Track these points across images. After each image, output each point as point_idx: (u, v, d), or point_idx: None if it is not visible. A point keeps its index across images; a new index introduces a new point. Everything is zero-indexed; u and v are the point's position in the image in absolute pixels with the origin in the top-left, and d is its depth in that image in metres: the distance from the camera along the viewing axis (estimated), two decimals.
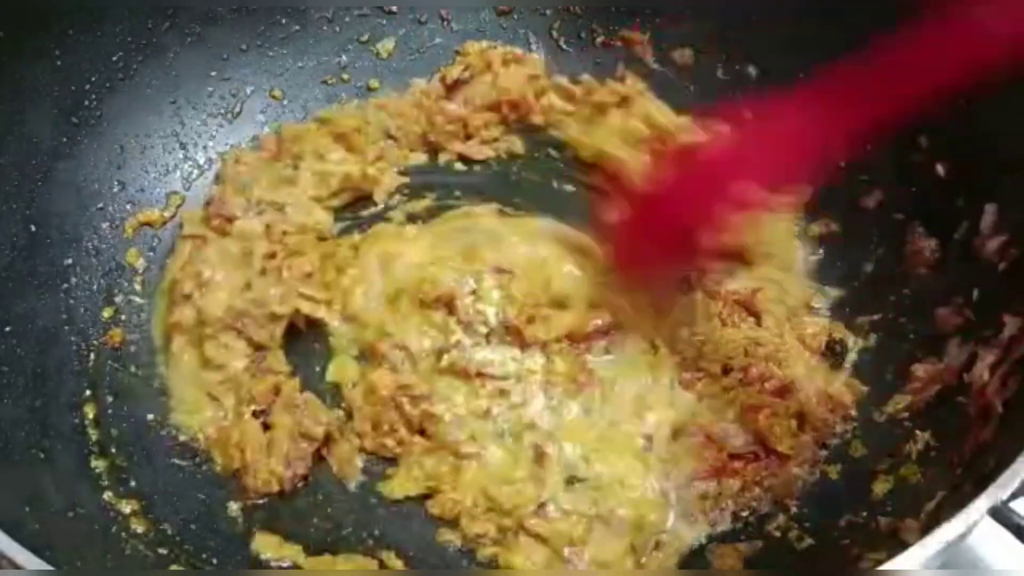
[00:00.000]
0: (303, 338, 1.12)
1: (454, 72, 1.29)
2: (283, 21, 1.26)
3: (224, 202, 1.17)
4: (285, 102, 1.28)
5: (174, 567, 0.95)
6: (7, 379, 0.97)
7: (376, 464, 1.04)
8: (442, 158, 1.28)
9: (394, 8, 1.31)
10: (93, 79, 1.13)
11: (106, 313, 1.11)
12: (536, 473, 1.01)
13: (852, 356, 1.08)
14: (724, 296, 1.12)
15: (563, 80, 1.30)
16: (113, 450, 1.02)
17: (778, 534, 0.97)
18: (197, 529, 0.98)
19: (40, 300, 1.05)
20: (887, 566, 0.69)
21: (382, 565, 0.97)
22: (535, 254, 1.16)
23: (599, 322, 1.09)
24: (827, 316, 1.11)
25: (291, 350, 1.11)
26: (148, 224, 1.18)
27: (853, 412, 1.03)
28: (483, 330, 1.09)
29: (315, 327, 1.12)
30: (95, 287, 1.11)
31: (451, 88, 1.29)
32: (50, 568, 0.73)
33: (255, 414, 1.05)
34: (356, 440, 1.05)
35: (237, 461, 1.02)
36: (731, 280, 1.11)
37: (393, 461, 1.04)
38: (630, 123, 1.24)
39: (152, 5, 1.16)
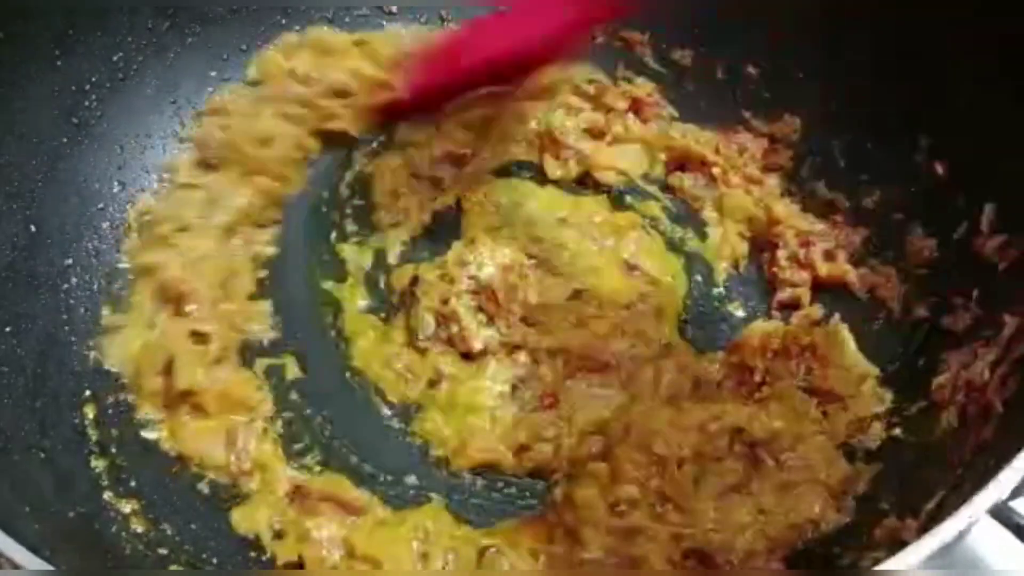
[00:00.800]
0: None
1: None
2: (283, 21, 1.26)
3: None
4: None
5: (174, 567, 0.95)
6: (7, 379, 0.97)
7: None
8: None
9: (394, 8, 1.31)
10: (93, 79, 1.13)
11: (106, 313, 1.11)
12: None
13: None
14: None
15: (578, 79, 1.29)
16: (113, 450, 1.02)
17: None
18: (197, 529, 0.98)
19: (40, 300, 1.05)
20: (887, 566, 0.69)
21: None
22: None
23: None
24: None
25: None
26: None
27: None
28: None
29: None
30: (95, 287, 1.11)
31: None
32: (50, 568, 0.72)
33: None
34: None
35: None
36: None
37: None
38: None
39: (152, 5, 1.16)
